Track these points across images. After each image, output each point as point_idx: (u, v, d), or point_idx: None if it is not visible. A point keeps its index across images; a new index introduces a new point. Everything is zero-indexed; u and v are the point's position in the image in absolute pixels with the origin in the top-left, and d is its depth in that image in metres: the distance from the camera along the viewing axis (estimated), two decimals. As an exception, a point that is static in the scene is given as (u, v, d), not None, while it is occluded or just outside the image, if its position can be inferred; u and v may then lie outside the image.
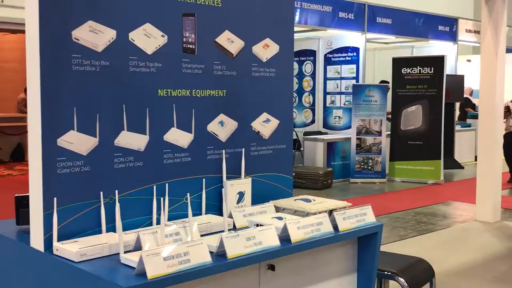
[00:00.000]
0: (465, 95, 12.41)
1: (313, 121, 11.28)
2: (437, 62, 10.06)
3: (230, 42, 2.65)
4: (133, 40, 2.32)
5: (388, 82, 10.60)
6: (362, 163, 9.89)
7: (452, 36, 12.32)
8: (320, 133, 10.78)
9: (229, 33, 2.64)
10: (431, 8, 12.59)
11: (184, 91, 2.49)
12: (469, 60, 14.47)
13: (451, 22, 12.33)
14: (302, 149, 10.41)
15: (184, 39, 2.48)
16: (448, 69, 11.25)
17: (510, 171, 9.85)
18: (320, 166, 9.74)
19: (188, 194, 2.26)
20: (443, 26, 12.12)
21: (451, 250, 5.73)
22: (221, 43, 2.61)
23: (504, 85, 7.06)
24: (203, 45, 2.55)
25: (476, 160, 7.30)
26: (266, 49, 2.82)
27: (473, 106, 12.76)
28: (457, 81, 11.63)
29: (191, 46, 2.50)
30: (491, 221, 6.86)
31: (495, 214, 6.93)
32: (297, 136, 10.58)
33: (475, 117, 10.03)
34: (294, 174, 10.10)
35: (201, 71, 2.55)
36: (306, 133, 10.64)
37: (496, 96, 6.87)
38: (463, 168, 11.55)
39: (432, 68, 9.99)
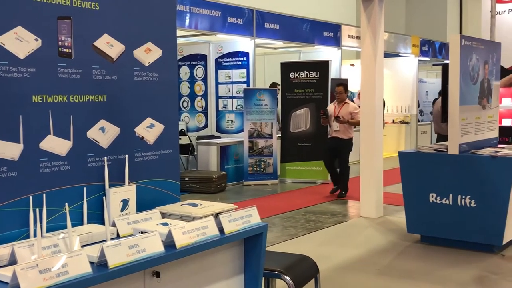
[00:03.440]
0: None
1: (206, 125, 11.31)
2: (323, 66, 10.49)
3: (110, 46, 2.59)
4: (3, 44, 2.20)
5: (278, 85, 10.87)
6: (255, 166, 10.07)
7: (336, 41, 12.88)
8: (213, 137, 10.83)
9: (108, 37, 2.59)
10: (316, 14, 13.08)
11: (60, 97, 2.40)
12: (352, 65, 15.19)
13: (335, 29, 12.89)
14: (195, 153, 10.40)
15: (60, 43, 2.39)
16: (333, 73, 11.76)
17: (332, 179, 9.15)
18: (213, 170, 9.80)
19: (67, 204, 2.17)
20: (328, 32, 12.65)
21: (337, 246, 5.99)
22: (99, 47, 2.55)
23: (383, 87, 7.52)
24: (81, 49, 2.48)
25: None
26: (148, 53, 2.80)
27: None
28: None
29: (67, 50, 2.41)
30: (374, 216, 7.25)
31: (378, 210, 7.33)
32: (190, 140, 10.55)
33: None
34: (187, 178, 9.96)
35: (79, 76, 2.47)
36: (199, 137, 10.65)
37: (376, 97, 7.28)
38: (349, 167, 12.07)
39: (318, 73, 10.40)
